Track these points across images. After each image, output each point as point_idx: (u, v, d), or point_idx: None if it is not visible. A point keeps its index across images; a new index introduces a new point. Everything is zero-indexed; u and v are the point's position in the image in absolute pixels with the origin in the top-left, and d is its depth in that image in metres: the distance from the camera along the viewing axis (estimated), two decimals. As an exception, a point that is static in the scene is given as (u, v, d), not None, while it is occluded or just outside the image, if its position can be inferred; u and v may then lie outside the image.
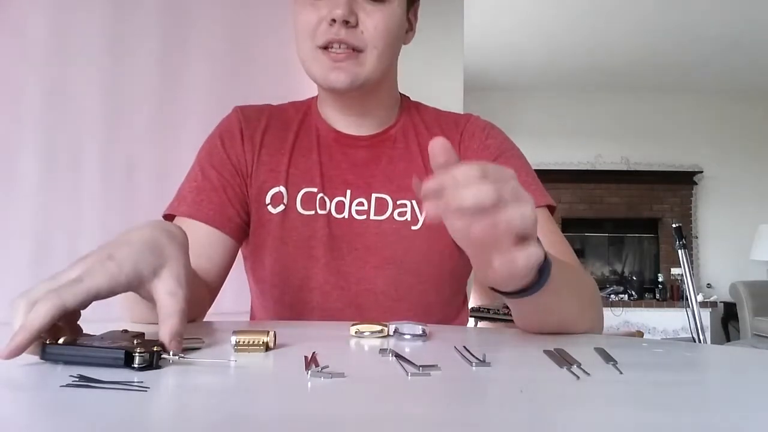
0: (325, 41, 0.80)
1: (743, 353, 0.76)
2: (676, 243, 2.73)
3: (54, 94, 1.59)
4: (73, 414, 0.33)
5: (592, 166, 6.06)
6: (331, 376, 0.42)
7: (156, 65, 1.72)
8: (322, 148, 0.90)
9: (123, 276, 0.50)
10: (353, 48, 0.81)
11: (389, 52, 0.85)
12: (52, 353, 0.44)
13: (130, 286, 0.51)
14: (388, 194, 0.88)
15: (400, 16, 0.85)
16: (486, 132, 0.92)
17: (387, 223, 0.87)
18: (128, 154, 1.67)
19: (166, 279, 0.52)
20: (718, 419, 0.35)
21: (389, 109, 0.93)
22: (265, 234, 0.87)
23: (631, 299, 5.81)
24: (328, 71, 0.82)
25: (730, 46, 4.97)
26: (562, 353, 0.51)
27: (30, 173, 1.56)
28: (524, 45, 5.06)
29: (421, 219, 0.87)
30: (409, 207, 0.87)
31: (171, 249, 0.54)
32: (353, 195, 0.88)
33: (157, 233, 0.55)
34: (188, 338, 0.51)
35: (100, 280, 0.48)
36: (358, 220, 0.87)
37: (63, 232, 1.58)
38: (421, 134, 0.92)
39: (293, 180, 0.88)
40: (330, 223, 0.86)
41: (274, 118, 0.93)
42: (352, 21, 0.79)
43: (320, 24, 0.81)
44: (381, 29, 0.81)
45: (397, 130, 0.93)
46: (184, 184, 0.89)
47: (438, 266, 0.88)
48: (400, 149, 0.91)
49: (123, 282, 0.50)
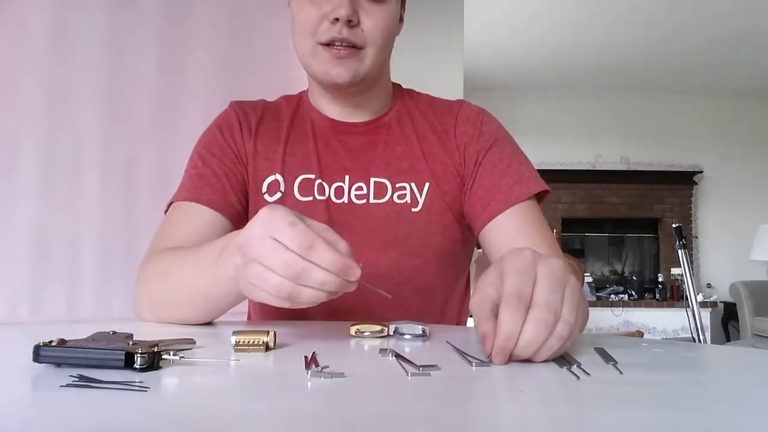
0: (328, 39, 0.82)
1: (743, 353, 0.76)
2: (676, 243, 2.73)
3: (54, 94, 1.59)
4: (73, 414, 0.33)
5: (592, 166, 6.06)
6: (331, 376, 0.42)
7: (156, 65, 1.72)
8: (318, 136, 0.91)
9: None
10: (354, 45, 0.82)
11: (387, 47, 0.87)
12: (47, 356, 0.43)
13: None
14: (386, 178, 0.89)
15: (397, 12, 0.87)
16: (480, 118, 0.93)
17: (387, 206, 0.87)
18: (128, 154, 1.67)
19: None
20: (718, 419, 0.35)
21: (383, 98, 0.95)
22: None
23: (631, 299, 5.81)
24: (329, 66, 0.83)
25: (730, 46, 4.97)
26: (562, 353, 0.51)
27: (30, 173, 1.55)
28: (524, 45, 5.06)
29: (421, 202, 0.87)
30: (408, 190, 0.88)
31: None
32: (352, 180, 0.88)
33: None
34: (179, 339, 0.51)
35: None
36: (357, 204, 0.87)
37: (63, 232, 1.58)
38: (416, 119, 0.94)
39: (289, 168, 0.89)
40: (329, 208, 0.87)
41: (268, 111, 0.94)
42: (354, 20, 0.81)
43: (322, 21, 0.82)
44: (380, 28, 0.83)
45: (391, 116, 0.94)
46: (183, 176, 0.89)
47: (439, 247, 0.88)
48: (396, 134, 0.92)
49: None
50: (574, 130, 6.08)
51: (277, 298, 0.52)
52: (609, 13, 4.44)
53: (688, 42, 4.92)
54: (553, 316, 0.47)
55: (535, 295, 0.48)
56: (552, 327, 0.47)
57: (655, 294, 5.84)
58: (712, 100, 6.09)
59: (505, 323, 0.47)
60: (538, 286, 0.48)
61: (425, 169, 0.89)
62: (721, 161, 6.02)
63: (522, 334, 0.47)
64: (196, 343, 0.53)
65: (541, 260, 0.50)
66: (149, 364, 0.43)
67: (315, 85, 0.92)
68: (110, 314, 1.59)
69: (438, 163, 0.89)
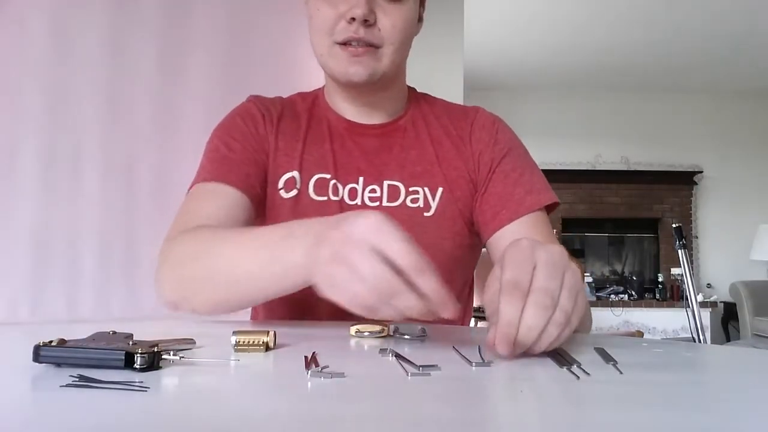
0: (345, 39, 0.82)
1: (743, 353, 0.76)
2: (676, 243, 2.73)
3: (54, 94, 1.59)
4: (73, 414, 0.33)
5: (592, 166, 6.06)
6: (331, 376, 0.42)
7: (156, 65, 1.72)
8: (334, 136, 0.91)
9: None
10: (371, 44, 0.82)
11: (405, 47, 0.87)
12: (47, 356, 0.43)
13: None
14: (400, 181, 0.89)
15: (415, 12, 0.87)
16: (496, 126, 0.94)
17: (400, 210, 0.87)
18: (128, 154, 1.67)
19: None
20: (718, 419, 0.35)
21: (399, 100, 0.95)
22: (274, 218, 0.87)
23: (631, 299, 5.81)
24: (346, 65, 0.83)
25: (730, 46, 4.97)
26: (562, 353, 0.51)
27: (30, 173, 1.55)
28: (524, 45, 5.06)
29: (434, 207, 0.88)
30: (422, 194, 0.88)
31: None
32: (365, 182, 0.88)
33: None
34: (179, 339, 0.51)
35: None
36: (370, 206, 0.87)
37: (63, 232, 1.58)
38: (431, 124, 0.94)
39: (307, 166, 0.88)
40: (343, 209, 0.86)
41: (287, 108, 0.94)
42: (371, 20, 0.81)
43: (338, 21, 0.82)
44: (398, 27, 0.83)
45: (406, 120, 0.94)
46: (203, 161, 0.88)
47: (449, 253, 0.88)
48: (411, 138, 0.92)
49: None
50: (574, 130, 6.08)
51: (355, 305, 0.50)
52: (609, 13, 4.44)
53: (688, 42, 4.92)
54: (551, 301, 0.48)
55: (533, 281, 0.48)
56: (551, 310, 0.47)
57: (655, 294, 5.83)
58: (712, 100, 6.08)
59: (504, 311, 0.47)
60: (536, 272, 0.49)
61: (439, 174, 0.89)
62: (721, 161, 6.02)
63: (522, 320, 0.47)
64: (196, 343, 0.53)
65: (539, 247, 0.51)
66: (149, 364, 0.43)
67: (332, 84, 0.92)
68: (110, 314, 1.59)
69: (452, 169, 0.90)
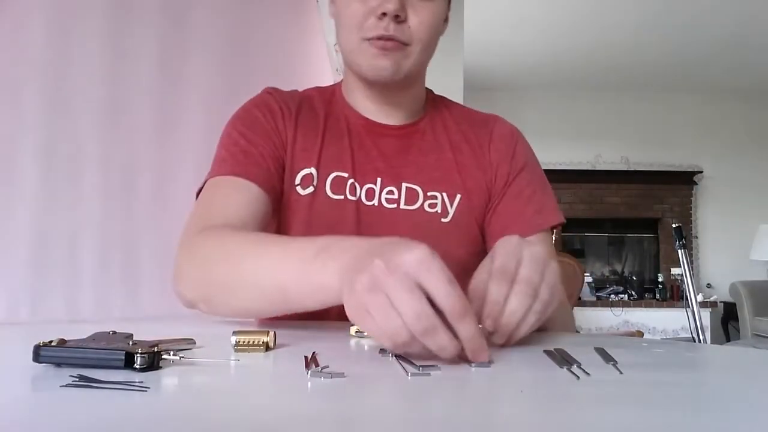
0: (375, 35, 0.81)
1: (743, 353, 0.76)
2: (676, 243, 2.73)
3: (54, 94, 1.59)
4: (73, 414, 0.33)
5: (592, 166, 6.06)
6: (331, 376, 0.42)
7: (156, 66, 1.72)
8: (353, 134, 0.90)
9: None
10: (400, 42, 0.82)
11: (432, 46, 0.87)
12: (47, 356, 0.43)
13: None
14: (418, 185, 0.88)
15: (444, 11, 0.87)
16: (515, 138, 0.95)
17: (417, 214, 0.87)
18: (128, 155, 1.67)
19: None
20: (718, 419, 0.35)
21: (418, 101, 0.95)
22: (290, 215, 0.86)
23: (631, 299, 5.81)
24: (374, 59, 0.82)
25: (730, 46, 4.97)
26: (562, 353, 0.51)
27: (30, 174, 1.55)
28: (524, 44, 5.06)
29: (451, 213, 0.88)
30: (440, 199, 0.88)
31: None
32: (383, 183, 0.88)
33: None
34: (179, 339, 0.51)
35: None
36: (388, 208, 0.87)
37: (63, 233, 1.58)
38: (450, 129, 0.94)
39: (325, 163, 0.87)
40: (359, 209, 0.86)
41: (304, 101, 0.92)
42: (402, 16, 0.80)
43: (368, 17, 0.81)
44: (427, 25, 0.82)
45: (425, 123, 0.93)
46: (221, 153, 0.85)
47: (462, 261, 0.86)
48: (429, 141, 0.92)
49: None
50: (574, 130, 6.08)
51: (386, 338, 0.47)
52: (609, 13, 4.44)
53: (688, 42, 4.92)
54: (533, 291, 0.54)
55: (519, 272, 0.55)
56: (532, 299, 0.54)
57: (655, 294, 5.83)
58: (712, 100, 6.08)
59: (492, 292, 0.54)
60: (522, 265, 0.55)
61: (458, 181, 0.89)
62: (721, 161, 6.02)
63: (507, 304, 0.53)
64: (196, 343, 0.53)
65: (526, 245, 0.57)
66: (149, 364, 0.43)
67: (354, 80, 0.91)
68: (110, 314, 1.59)
69: (471, 177, 0.90)
